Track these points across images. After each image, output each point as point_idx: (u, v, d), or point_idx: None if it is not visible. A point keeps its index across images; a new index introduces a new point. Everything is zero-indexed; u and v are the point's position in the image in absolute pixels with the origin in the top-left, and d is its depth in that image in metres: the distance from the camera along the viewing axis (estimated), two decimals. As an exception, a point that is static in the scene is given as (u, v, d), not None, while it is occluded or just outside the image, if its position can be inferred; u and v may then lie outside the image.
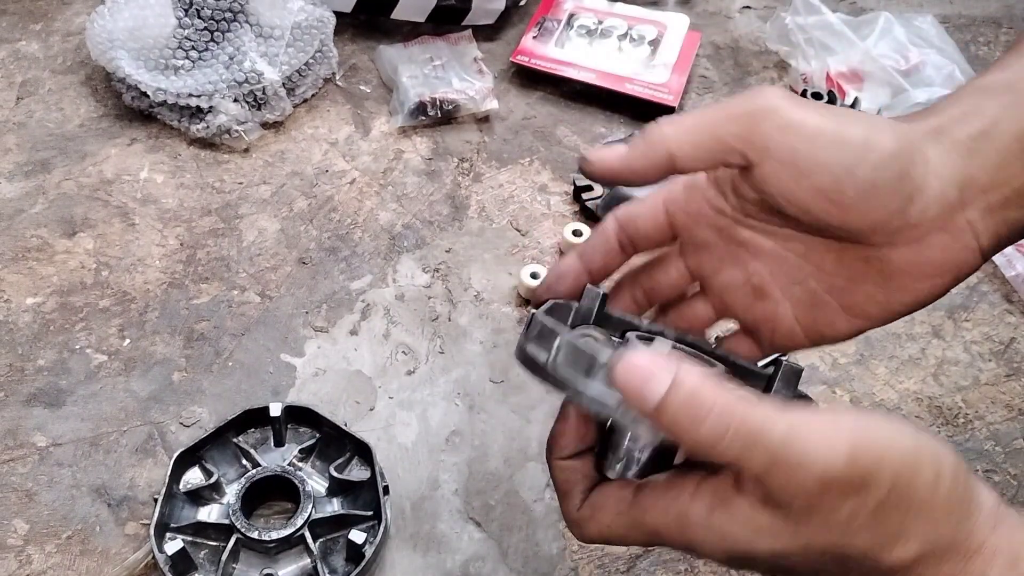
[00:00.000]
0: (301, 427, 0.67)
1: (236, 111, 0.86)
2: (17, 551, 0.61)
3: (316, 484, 0.64)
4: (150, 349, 0.72)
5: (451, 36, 0.98)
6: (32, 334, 0.73)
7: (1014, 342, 0.77)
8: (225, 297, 0.76)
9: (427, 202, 0.85)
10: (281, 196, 0.84)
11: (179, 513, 0.62)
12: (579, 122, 0.93)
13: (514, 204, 0.85)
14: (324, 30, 0.92)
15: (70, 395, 0.69)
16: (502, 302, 0.77)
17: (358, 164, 0.88)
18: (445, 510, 0.65)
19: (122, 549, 0.62)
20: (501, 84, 0.96)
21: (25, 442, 0.67)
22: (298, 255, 0.80)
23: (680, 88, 0.94)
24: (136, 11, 0.89)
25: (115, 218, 0.81)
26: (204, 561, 0.60)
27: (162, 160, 0.86)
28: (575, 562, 0.63)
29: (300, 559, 0.61)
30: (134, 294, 0.76)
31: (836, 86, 0.95)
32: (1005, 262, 0.81)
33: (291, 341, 0.74)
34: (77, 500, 0.64)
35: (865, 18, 1.00)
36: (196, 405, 0.69)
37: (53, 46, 0.96)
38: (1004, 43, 1.06)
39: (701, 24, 1.04)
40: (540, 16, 1.00)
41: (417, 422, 0.69)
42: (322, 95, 0.94)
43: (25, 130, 0.88)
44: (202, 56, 0.87)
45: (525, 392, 0.72)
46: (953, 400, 0.73)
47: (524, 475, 0.67)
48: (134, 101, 0.88)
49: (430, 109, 0.90)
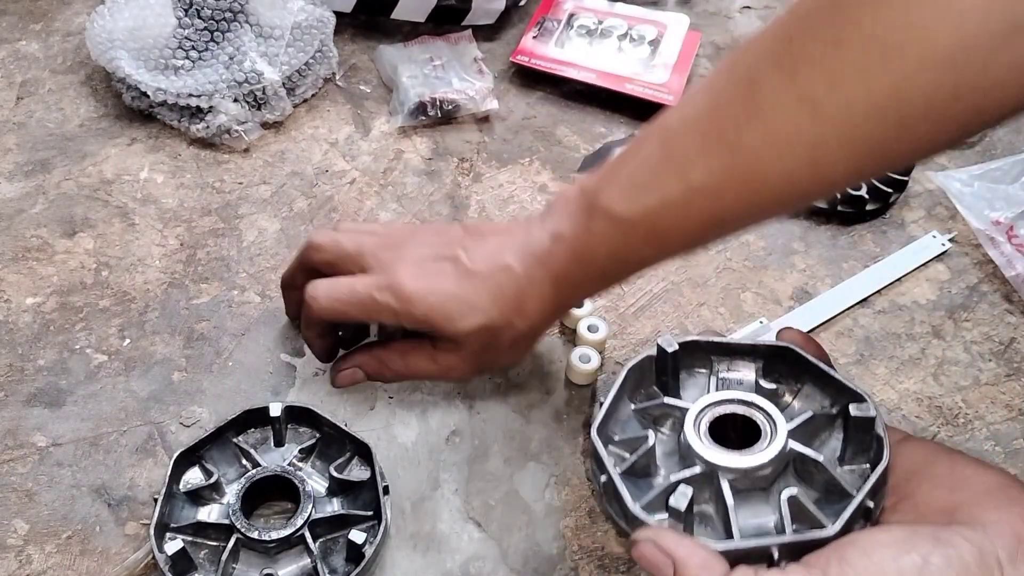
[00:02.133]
0: (301, 427, 0.67)
1: (236, 111, 0.86)
2: (17, 551, 0.61)
3: (316, 484, 0.64)
4: (150, 349, 0.72)
5: (451, 36, 0.98)
6: (32, 334, 0.73)
7: (1014, 342, 0.77)
8: (225, 297, 0.76)
9: (427, 202, 0.85)
10: (281, 196, 0.84)
11: (179, 513, 0.61)
12: (579, 122, 0.93)
13: (514, 204, 0.85)
14: (324, 30, 0.92)
15: (70, 395, 0.69)
16: (502, 302, 0.77)
17: (358, 164, 0.88)
18: (445, 510, 0.65)
19: (122, 549, 0.62)
20: (501, 84, 0.96)
21: (25, 442, 0.67)
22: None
23: (680, 88, 0.94)
24: (136, 11, 0.89)
25: (115, 218, 0.81)
26: (204, 561, 0.60)
27: (162, 160, 0.86)
28: (575, 562, 0.63)
29: (300, 559, 0.60)
30: (134, 294, 0.76)
31: (836, 86, 0.94)
32: (1005, 262, 0.81)
33: (291, 341, 0.74)
34: (77, 500, 0.64)
35: (865, 18, 1.00)
36: (196, 405, 0.69)
37: (53, 46, 0.96)
38: (1004, 43, 1.06)
39: (701, 24, 1.04)
40: (540, 16, 1.00)
41: (417, 422, 0.69)
42: (322, 95, 0.94)
43: (25, 130, 0.88)
44: (202, 56, 0.87)
45: (525, 392, 0.72)
46: (953, 400, 0.73)
47: (524, 475, 0.67)
48: (134, 101, 0.89)
49: (430, 109, 0.90)
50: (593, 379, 0.72)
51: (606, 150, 0.87)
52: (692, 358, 0.58)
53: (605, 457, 0.51)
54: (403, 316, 0.62)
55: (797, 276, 0.81)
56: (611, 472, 0.50)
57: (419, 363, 0.67)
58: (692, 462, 0.51)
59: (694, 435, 0.51)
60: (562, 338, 0.75)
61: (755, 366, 0.57)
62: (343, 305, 0.64)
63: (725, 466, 0.49)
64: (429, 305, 0.61)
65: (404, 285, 0.62)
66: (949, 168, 0.90)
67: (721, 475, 0.49)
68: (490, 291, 0.61)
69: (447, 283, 0.62)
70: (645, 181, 0.56)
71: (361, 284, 0.64)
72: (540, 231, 0.62)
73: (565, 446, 0.69)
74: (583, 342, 0.73)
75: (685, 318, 0.77)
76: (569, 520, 0.65)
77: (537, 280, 0.61)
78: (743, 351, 0.57)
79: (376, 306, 0.63)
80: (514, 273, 0.61)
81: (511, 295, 0.61)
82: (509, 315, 0.61)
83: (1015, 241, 0.82)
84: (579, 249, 0.60)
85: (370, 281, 0.63)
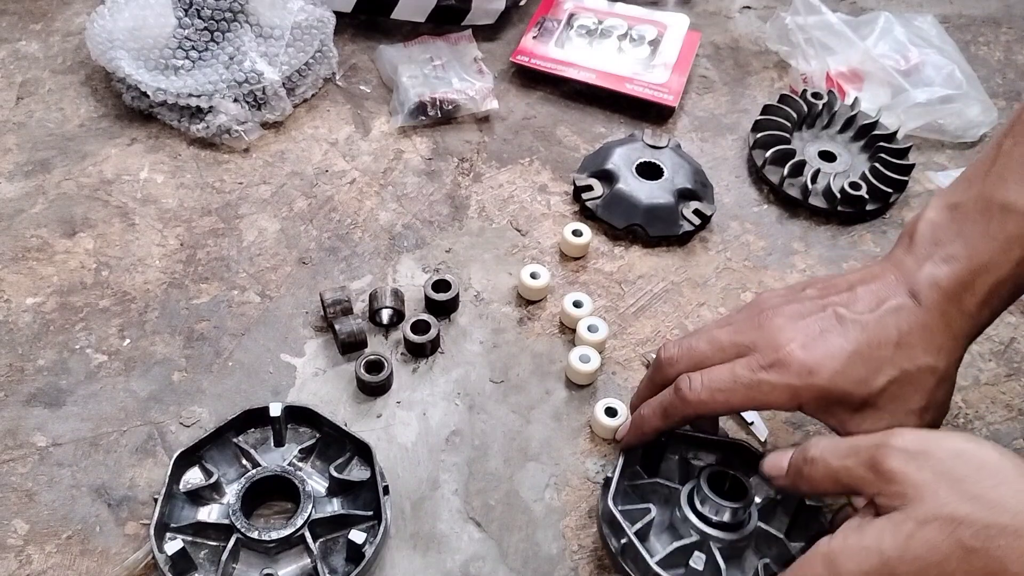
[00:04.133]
0: (301, 427, 0.67)
1: (236, 111, 0.86)
2: (17, 551, 0.61)
3: (316, 484, 0.64)
4: (150, 349, 0.72)
5: (451, 36, 0.98)
6: (32, 334, 0.73)
7: (1014, 342, 0.77)
8: (225, 297, 0.76)
9: (427, 202, 0.85)
10: (281, 196, 0.84)
11: (179, 513, 0.61)
12: (579, 122, 0.93)
13: (514, 204, 0.85)
14: (324, 30, 0.92)
15: (70, 395, 0.69)
16: (502, 302, 0.77)
17: (358, 164, 0.88)
18: (445, 510, 0.65)
19: (122, 549, 0.62)
20: (501, 84, 0.96)
21: (25, 442, 0.67)
22: (298, 255, 0.80)
23: (680, 88, 0.94)
24: (136, 11, 0.89)
25: (115, 218, 0.81)
26: (204, 561, 0.60)
27: (162, 160, 0.86)
28: (575, 562, 0.63)
29: (300, 559, 0.60)
30: (134, 294, 0.76)
31: (836, 86, 0.95)
32: (1005, 262, 0.81)
33: (291, 341, 0.74)
34: (77, 500, 0.64)
35: (865, 18, 1.00)
36: (196, 405, 0.69)
37: (53, 46, 0.96)
38: (1004, 43, 1.07)
39: (701, 24, 1.04)
40: (540, 16, 1.00)
41: (417, 422, 0.69)
42: (322, 95, 0.94)
43: (25, 130, 0.88)
44: (202, 56, 0.87)
45: (525, 392, 0.72)
46: (953, 400, 0.72)
47: (524, 475, 0.67)
48: (134, 101, 0.89)
49: (430, 109, 0.90)
50: (593, 379, 0.72)
51: (606, 150, 0.87)
52: (674, 445, 0.65)
53: (623, 522, 0.58)
54: (804, 391, 0.54)
55: (797, 276, 0.81)
56: (630, 535, 0.58)
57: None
58: (688, 533, 0.59)
59: (689, 511, 0.59)
60: (562, 338, 0.75)
61: (715, 456, 0.65)
62: (725, 394, 0.56)
63: (715, 535, 0.58)
64: (833, 370, 0.54)
65: (795, 355, 0.54)
66: (949, 168, 0.90)
67: (712, 543, 0.58)
68: (891, 339, 0.54)
69: (842, 342, 0.54)
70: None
71: (742, 367, 0.56)
72: (915, 262, 0.56)
73: (565, 446, 0.69)
74: (583, 342, 0.73)
75: (685, 318, 0.77)
76: (569, 520, 0.65)
77: (940, 312, 0.54)
78: (708, 443, 0.65)
79: (767, 386, 0.55)
80: (910, 312, 0.54)
81: (918, 337, 0.54)
82: (923, 358, 0.54)
83: (1015, 241, 0.82)
84: (982, 262, 0.54)
85: (751, 362, 0.56)
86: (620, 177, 0.83)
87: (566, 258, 0.81)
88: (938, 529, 0.44)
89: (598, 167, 0.85)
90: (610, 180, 0.84)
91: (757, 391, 0.55)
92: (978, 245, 0.54)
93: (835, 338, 0.54)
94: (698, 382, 0.57)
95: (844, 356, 0.54)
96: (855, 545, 0.47)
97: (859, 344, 0.54)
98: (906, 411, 0.54)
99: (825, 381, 0.54)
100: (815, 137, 0.92)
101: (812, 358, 0.54)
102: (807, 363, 0.54)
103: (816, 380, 0.54)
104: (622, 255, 0.82)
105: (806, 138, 0.92)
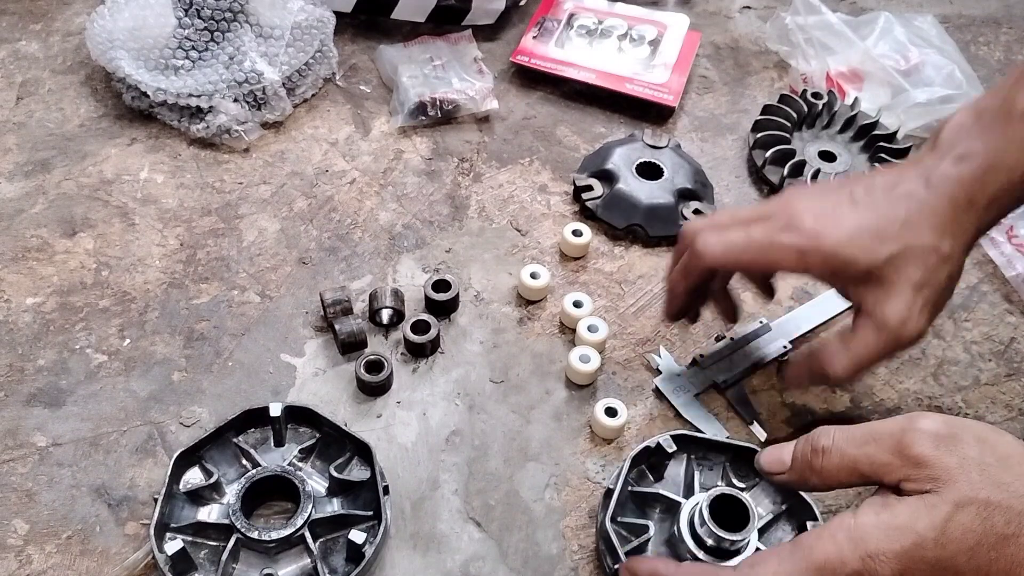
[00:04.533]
0: (301, 427, 0.67)
1: (236, 111, 0.86)
2: (17, 551, 0.61)
3: (316, 484, 0.64)
4: (150, 349, 0.72)
5: (451, 36, 0.98)
6: (32, 334, 0.73)
7: (1014, 342, 0.77)
8: (225, 297, 0.76)
9: (427, 202, 0.85)
10: (281, 196, 0.84)
11: (179, 513, 0.61)
12: (579, 122, 0.93)
13: (514, 204, 0.85)
14: (324, 30, 0.92)
15: (70, 395, 0.69)
16: (502, 302, 0.77)
17: (358, 164, 0.88)
18: (445, 510, 0.65)
19: (122, 549, 0.62)
20: (501, 84, 0.96)
21: (25, 442, 0.67)
22: (298, 255, 0.80)
23: (680, 88, 0.94)
24: (136, 11, 0.89)
25: (115, 218, 0.81)
26: (204, 561, 0.60)
27: (162, 160, 0.86)
28: (575, 562, 0.63)
29: (300, 559, 0.60)
30: (134, 294, 0.76)
31: (836, 86, 0.95)
32: (1005, 262, 0.81)
33: (291, 341, 0.74)
34: (77, 500, 0.64)
35: (865, 18, 1.00)
36: (196, 405, 0.69)
37: (53, 46, 0.96)
38: (1004, 43, 1.07)
39: (701, 24, 1.04)
40: (540, 16, 1.00)
41: (417, 422, 0.69)
42: (322, 95, 0.94)
43: (25, 130, 0.88)
44: (202, 56, 0.87)
45: (525, 392, 0.72)
46: (953, 400, 0.73)
47: (524, 475, 0.67)
48: (134, 101, 0.89)
49: (430, 109, 0.90)
50: (593, 379, 0.72)
51: (606, 150, 0.87)
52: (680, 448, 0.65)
53: (618, 546, 0.59)
54: (810, 254, 0.59)
55: (797, 276, 0.81)
56: (623, 559, 0.59)
57: (865, 339, 0.60)
58: (684, 554, 0.59)
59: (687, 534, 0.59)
60: (562, 338, 0.75)
61: (724, 458, 0.65)
62: (739, 251, 0.61)
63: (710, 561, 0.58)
64: (837, 239, 0.58)
65: (806, 223, 0.59)
66: (949, 168, 0.90)
67: None
68: (899, 217, 0.58)
69: (851, 216, 0.59)
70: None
71: (756, 229, 0.61)
72: (934, 159, 0.59)
73: (565, 446, 0.69)
74: (583, 342, 0.73)
75: (685, 318, 0.77)
76: (569, 520, 0.65)
77: (949, 198, 0.57)
78: (716, 446, 0.65)
79: (778, 248, 0.60)
80: (920, 197, 0.58)
81: (925, 217, 0.58)
82: (927, 237, 0.57)
83: (1015, 241, 0.82)
84: (994, 161, 0.57)
85: (767, 226, 0.61)
86: (620, 177, 0.83)
87: (566, 258, 0.81)
88: (974, 513, 0.45)
89: (598, 167, 0.85)
90: (610, 180, 0.84)
91: (768, 250, 0.60)
92: (996, 145, 0.57)
93: (847, 212, 0.59)
94: (713, 238, 0.62)
95: (852, 227, 0.58)
96: (887, 523, 0.47)
97: (868, 219, 0.58)
98: (908, 284, 0.57)
99: (831, 246, 0.58)
100: (815, 137, 0.92)
101: (821, 225, 0.59)
102: (816, 228, 0.59)
103: (823, 244, 0.58)
104: (622, 255, 0.82)
105: (806, 138, 0.92)
